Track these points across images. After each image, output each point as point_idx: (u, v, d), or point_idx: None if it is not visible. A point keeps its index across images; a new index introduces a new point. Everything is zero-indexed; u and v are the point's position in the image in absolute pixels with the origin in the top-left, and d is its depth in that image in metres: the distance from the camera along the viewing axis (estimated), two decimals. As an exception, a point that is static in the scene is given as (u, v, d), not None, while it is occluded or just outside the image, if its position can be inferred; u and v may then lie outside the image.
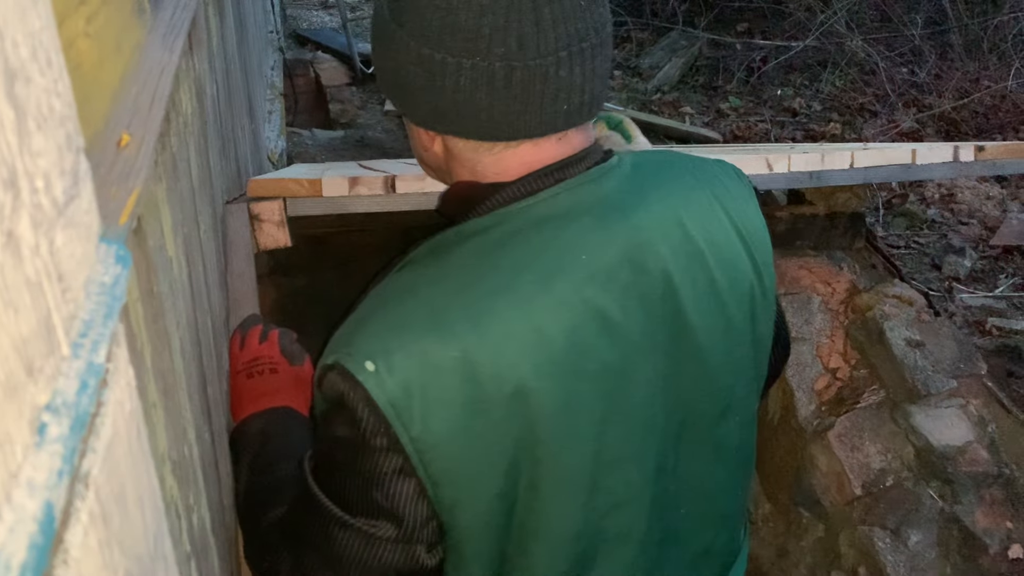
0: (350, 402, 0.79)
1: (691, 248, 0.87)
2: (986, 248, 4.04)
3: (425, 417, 0.77)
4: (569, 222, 0.84)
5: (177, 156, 0.82)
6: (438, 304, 0.80)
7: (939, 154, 1.72)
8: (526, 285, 0.80)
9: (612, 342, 0.83)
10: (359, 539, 0.84)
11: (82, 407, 0.31)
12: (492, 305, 0.79)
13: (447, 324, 0.78)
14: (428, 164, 0.94)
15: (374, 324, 0.81)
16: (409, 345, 0.78)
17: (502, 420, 0.79)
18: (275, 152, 2.80)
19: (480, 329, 0.78)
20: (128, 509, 0.37)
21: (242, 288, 1.35)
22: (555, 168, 0.85)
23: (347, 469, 0.83)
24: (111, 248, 0.39)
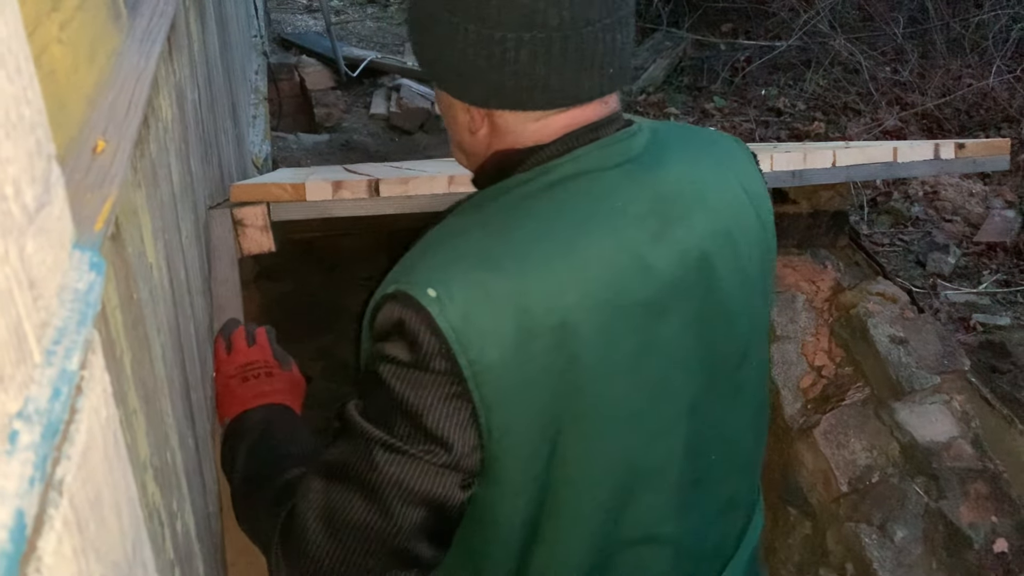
0: (411, 327, 0.83)
1: (708, 203, 0.95)
2: (969, 245, 4.07)
3: (482, 343, 0.82)
4: (603, 174, 0.91)
5: (157, 162, 0.82)
6: (487, 243, 0.87)
7: (920, 152, 1.73)
8: (566, 227, 0.87)
9: (646, 282, 0.89)
10: (403, 461, 0.85)
11: (55, 414, 0.31)
12: (536, 244, 0.86)
13: (497, 259, 0.85)
14: (468, 150, 0.99)
15: (431, 259, 0.87)
16: (466, 275, 0.83)
17: (549, 350, 0.84)
18: (260, 157, 2.79)
19: (528, 265, 0.84)
20: (104, 516, 0.36)
21: (226, 294, 1.34)
22: (589, 129, 0.92)
23: (399, 396, 0.85)
24: (85, 255, 0.39)
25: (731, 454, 1.04)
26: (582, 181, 0.91)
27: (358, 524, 0.87)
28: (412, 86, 4.47)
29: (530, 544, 0.93)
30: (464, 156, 1.01)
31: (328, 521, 0.88)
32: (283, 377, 1.19)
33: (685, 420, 0.95)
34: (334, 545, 0.88)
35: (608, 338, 0.87)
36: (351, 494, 0.87)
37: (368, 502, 0.86)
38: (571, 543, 0.93)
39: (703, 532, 1.04)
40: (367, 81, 4.69)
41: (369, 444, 0.86)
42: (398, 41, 5.71)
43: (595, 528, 0.94)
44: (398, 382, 0.85)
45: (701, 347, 0.95)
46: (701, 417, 0.97)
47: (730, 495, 1.06)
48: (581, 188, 0.90)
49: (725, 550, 1.08)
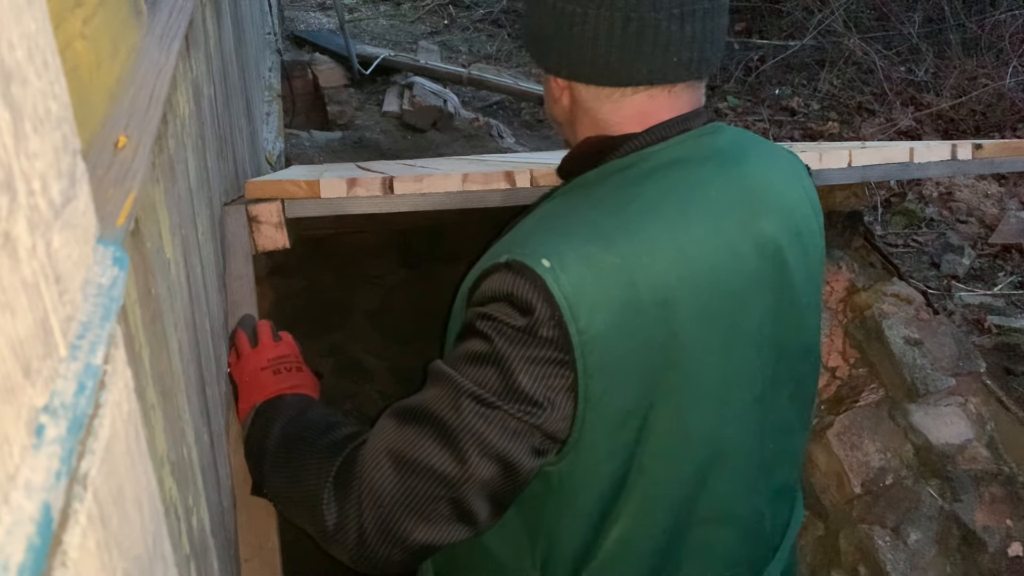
0: (524, 294, 0.86)
1: (783, 202, 1.01)
2: (984, 246, 4.04)
3: (591, 313, 0.86)
4: (697, 165, 0.96)
5: (175, 158, 0.82)
6: (597, 220, 0.91)
7: (937, 152, 1.72)
8: (668, 210, 0.92)
9: (738, 269, 0.94)
10: (489, 415, 0.87)
11: (80, 409, 0.31)
12: (642, 224, 0.90)
13: (608, 235, 0.89)
14: (556, 117, 1.05)
15: (544, 233, 0.91)
16: (579, 249, 0.87)
17: (651, 324, 0.89)
18: (273, 154, 2.80)
19: (635, 242, 0.89)
20: (127, 510, 0.37)
21: (241, 290, 1.34)
22: (679, 120, 0.97)
23: (500, 354, 0.88)
24: (108, 250, 0.39)
25: (785, 443, 1.08)
26: (679, 169, 0.95)
27: (429, 466, 0.88)
28: (425, 84, 4.48)
29: (607, 518, 0.95)
30: (557, 124, 1.07)
31: (398, 459, 0.89)
32: (310, 375, 1.21)
33: (757, 405, 0.99)
34: (399, 483, 0.89)
35: (705, 319, 0.92)
36: (429, 437, 0.89)
37: (445, 447, 0.88)
38: (650, 518, 0.96)
39: (764, 516, 1.07)
40: (380, 79, 4.69)
41: (458, 392, 0.88)
42: (411, 39, 5.71)
43: (674, 505, 0.97)
44: (502, 341, 0.87)
45: (774, 337, 0.99)
46: (767, 404, 1.01)
47: (780, 484, 1.10)
48: (679, 176, 0.95)
49: (775, 538, 1.12)
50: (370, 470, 0.90)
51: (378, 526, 0.90)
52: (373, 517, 0.90)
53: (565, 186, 1.02)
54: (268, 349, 1.18)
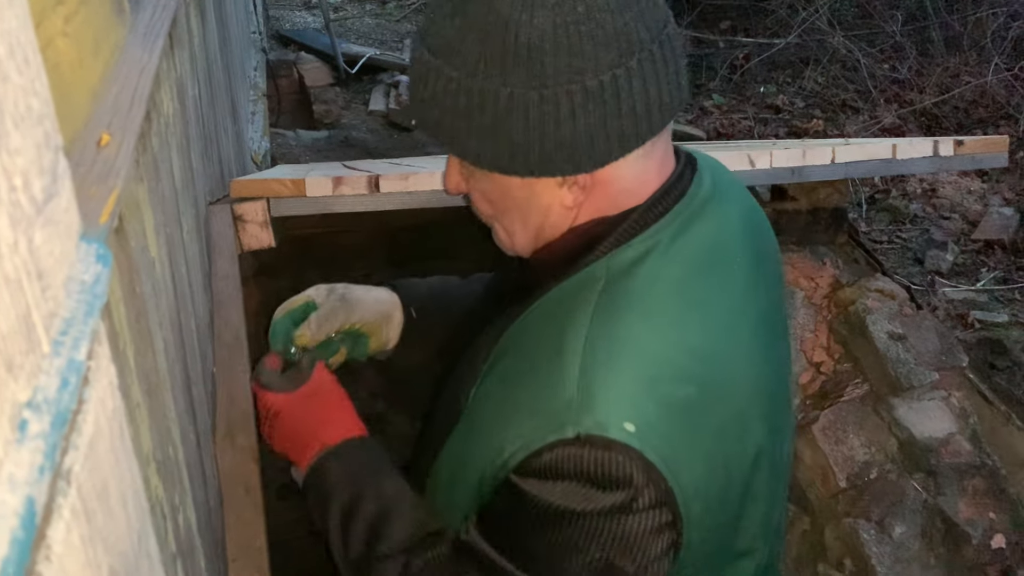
0: (612, 469, 0.76)
1: (767, 232, 0.99)
2: (968, 242, 4.07)
3: (689, 460, 0.78)
4: (704, 225, 0.87)
5: (158, 157, 0.82)
6: (652, 342, 0.80)
7: (919, 149, 1.73)
8: (719, 311, 0.85)
9: (761, 318, 0.90)
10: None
11: (63, 404, 0.31)
12: (704, 334, 0.82)
13: (673, 359, 0.80)
14: (548, 231, 0.87)
15: (607, 385, 0.78)
16: (653, 392, 0.78)
17: (735, 439, 0.84)
18: (259, 153, 2.79)
19: (704, 361, 0.81)
20: (111, 506, 0.37)
21: (227, 290, 1.34)
22: (677, 179, 0.87)
23: (601, 557, 0.79)
24: (91, 247, 0.39)
25: (783, 475, 1.03)
26: (694, 240, 0.85)
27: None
28: (411, 83, 4.47)
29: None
30: (531, 240, 0.89)
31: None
32: (342, 398, 1.14)
33: (770, 444, 0.93)
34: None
35: (760, 385, 0.88)
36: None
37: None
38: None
39: (774, 549, 1.03)
40: (366, 78, 4.69)
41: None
42: (396, 37, 5.70)
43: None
44: (599, 539, 0.78)
45: (779, 370, 0.97)
46: (776, 443, 0.96)
47: (779, 520, 1.05)
48: (700, 249, 0.85)
49: (775, 570, 1.08)
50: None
51: None
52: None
53: (557, 293, 0.85)
54: (297, 402, 1.08)
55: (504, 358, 0.88)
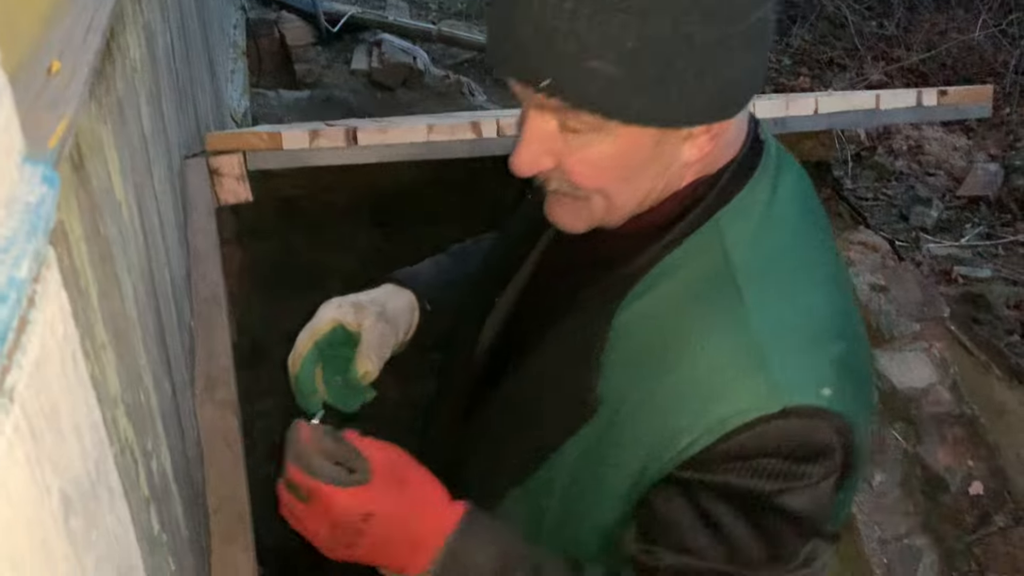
0: (820, 437, 0.76)
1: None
2: (952, 199, 4.08)
3: (861, 415, 0.79)
4: (788, 176, 0.86)
5: (124, 101, 0.80)
6: (813, 311, 0.81)
7: (902, 99, 1.73)
8: (829, 266, 0.86)
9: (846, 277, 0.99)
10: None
11: (2, 319, 0.30)
12: (829, 293, 0.83)
13: (828, 323, 0.81)
14: (657, 192, 0.82)
15: (789, 355, 0.77)
16: (825, 355, 0.78)
17: (871, 386, 0.86)
18: (238, 112, 2.75)
19: (841, 317, 0.83)
20: (62, 431, 0.36)
21: (204, 244, 1.33)
22: (752, 120, 0.88)
23: (804, 520, 0.78)
24: (37, 168, 0.38)
25: None
26: (787, 193, 0.84)
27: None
28: (394, 41, 4.41)
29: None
30: (635, 207, 0.83)
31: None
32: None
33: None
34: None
35: (862, 330, 0.91)
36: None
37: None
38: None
39: None
40: (348, 37, 4.62)
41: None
42: (379, -4, 5.61)
43: None
44: (804, 500, 0.77)
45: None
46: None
47: None
48: (795, 201, 0.85)
49: None
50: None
51: None
52: None
53: (672, 268, 0.81)
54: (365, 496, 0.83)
55: (630, 345, 0.82)
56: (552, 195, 0.84)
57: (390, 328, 1.01)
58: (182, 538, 0.88)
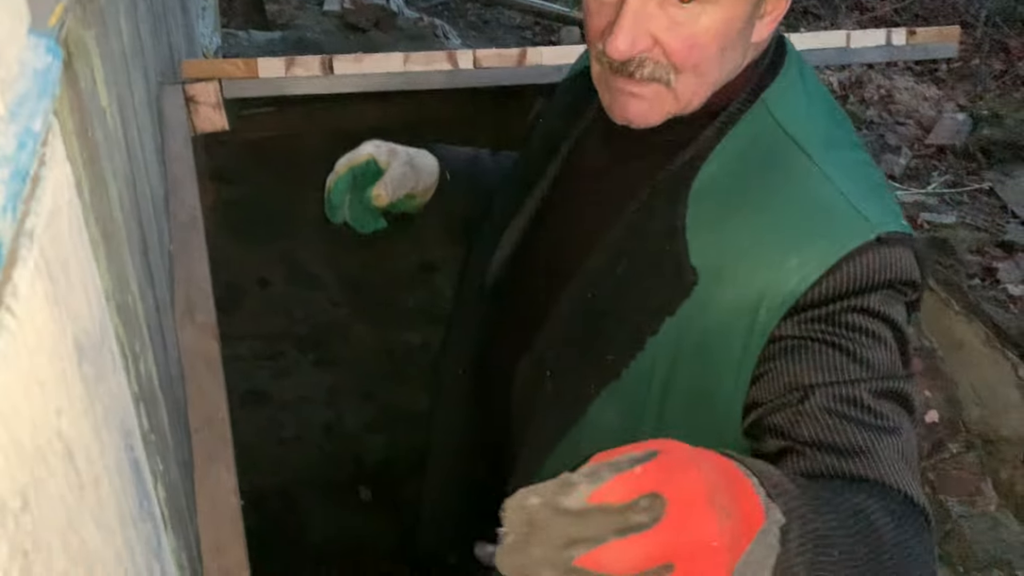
0: (907, 262, 0.81)
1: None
2: (921, 147, 4.13)
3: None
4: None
5: (106, 11, 0.81)
6: (865, 166, 0.89)
7: (872, 38, 1.75)
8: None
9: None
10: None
11: (21, 163, 0.33)
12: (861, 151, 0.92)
13: (875, 174, 0.89)
14: (729, 70, 0.87)
15: (867, 198, 0.83)
16: (891, 200, 0.85)
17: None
18: (210, 50, 2.72)
19: (874, 166, 0.92)
20: (73, 283, 0.38)
21: (181, 171, 1.33)
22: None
23: (906, 333, 0.83)
24: (42, 40, 0.40)
25: None
26: (810, 69, 0.93)
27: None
28: (367, -17, 4.35)
29: None
30: (714, 86, 0.87)
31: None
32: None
33: None
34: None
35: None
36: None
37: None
38: None
39: None
40: (320, -22, 4.54)
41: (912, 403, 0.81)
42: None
43: None
44: (904, 319, 0.83)
45: None
46: None
47: None
48: (815, 76, 0.93)
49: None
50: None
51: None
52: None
53: (734, 145, 0.87)
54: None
55: (710, 214, 0.85)
56: (625, 93, 0.87)
57: (412, 174, 1.12)
58: (167, 445, 0.91)
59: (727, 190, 0.85)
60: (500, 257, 1.07)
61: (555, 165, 1.04)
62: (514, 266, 1.07)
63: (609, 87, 0.88)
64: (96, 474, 0.37)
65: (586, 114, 1.03)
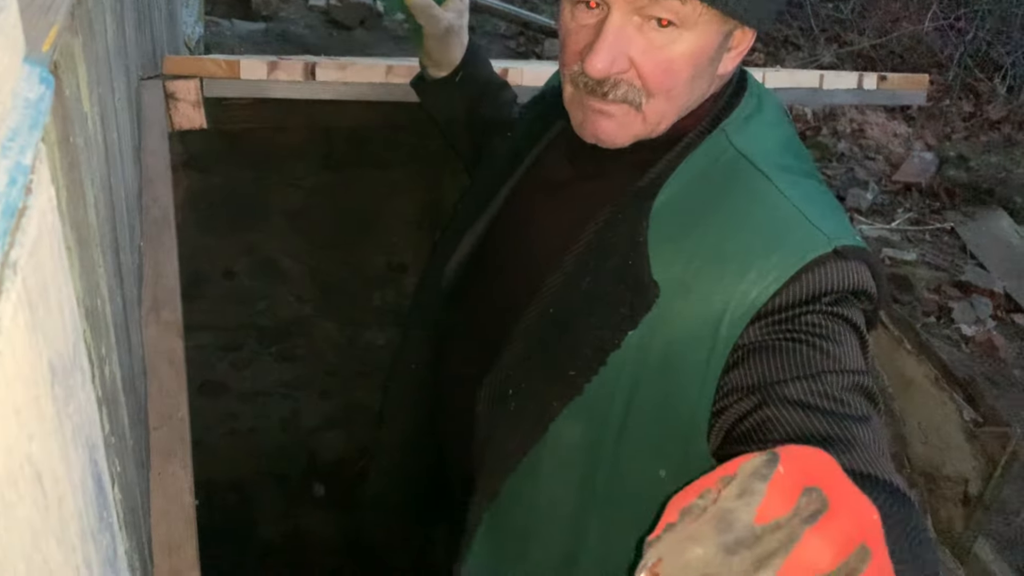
0: (864, 276, 0.84)
1: None
2: (888, 183, 4.22)
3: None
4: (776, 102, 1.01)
5: (93, 14, 0.82)
6: (823, 192, 0.93)
7: (844, 81, 1.80)
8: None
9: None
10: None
11: (11, 198, 0.34)
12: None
13: (838, 205, 0.94)
14: (695, 99, 0.92)
15: (824, 215, 0.87)
16: (846, 220, 0.90)
17: None
18: (192, 38, 2.71)
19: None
20: (51, 307, 0.40)
21: (156, 166, 1.34)
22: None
23: (863, 336, 0.85)
24: (35, 69, 0.41)
25: None
26: (770, 98, 0.99)
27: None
28: (354, -20, 4.34)
29: None
30: (680, 113, 0.92)
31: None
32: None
33: None
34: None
35: None
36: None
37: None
38: None
39: None
40: (308, -29, 4.52)
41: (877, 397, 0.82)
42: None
43: None
44: (863, 324, 0.85)
45: None
46: None
47: None
48: (776, 105, 0.98)
49: None
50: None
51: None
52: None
53: (693, 169, 0.91)
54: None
55: (670, 229, 0.89)
56: (597, 111, 0.90)
57: (439, 23, 1.23)
58: (127, 445, 0.92)
59: (687, 207, 0.89)
60: (456, 262, 1.11)
61: (516, 177, 1.08)
62: (470, 271, 1.11)
63: (582, 106, 0.92)
64: (61, 493, 0.39)
65: (550, 131, 1.08)
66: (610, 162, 0.95)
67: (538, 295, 0.96)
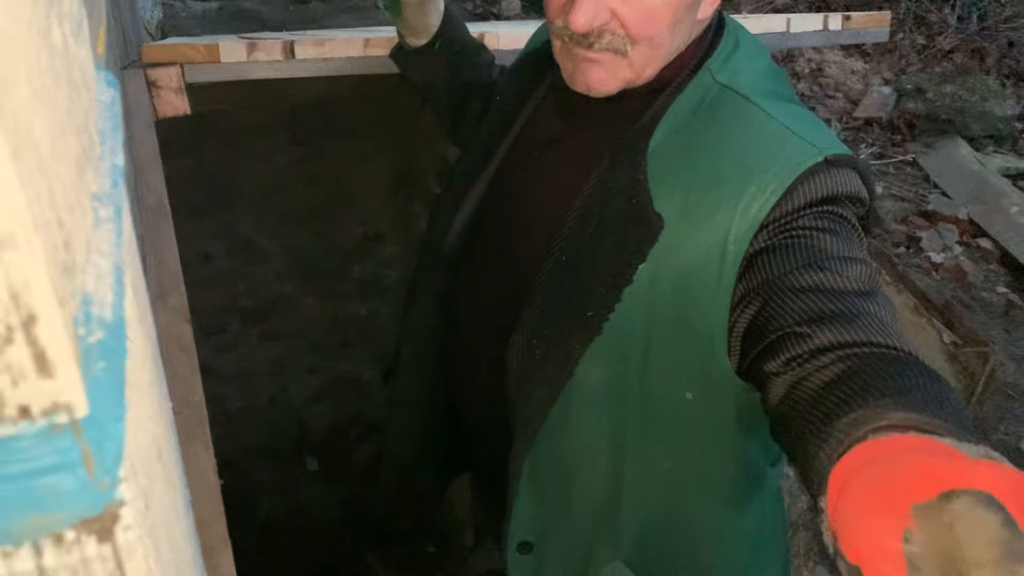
0: (857, 182, 0.87)
1: None
2: (849, 120, 4.29)
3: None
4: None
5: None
6: (807, 113, 0.96)
7: (810, 23, 1.83)
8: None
9: None
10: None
11: (116, 199, 0.37)
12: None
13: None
14: (675, 48, 0.96)
15: (813, 128, 0.91)
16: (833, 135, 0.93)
17: None
18: (151, 23, 2.67)
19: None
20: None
21: (147, 155, 1.34)
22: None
23: (860, 232, 0.88)
24: (102, 73, 0.43)
25: None
26: (745, 33, 1.02)
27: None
28: (305, -49, 4.27)
29: None
30: (664, 61, 0.96)
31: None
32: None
33: None
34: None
35: None
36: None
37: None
38: None
39: None
40: (256, -55, 4.44)
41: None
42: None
43: None
44: (858, 225, 0.89)
45: None
46: None
47: None
48: (751, 38, 1.02)
49: None
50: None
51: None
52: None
53: (683, 107, 0.95)
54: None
55: (668, 162, 0.92)
56: (585, 60, 0.94)
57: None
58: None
59: (681, 143, 0.93)
60: (458, 225, 1.13)
61: (510, 137, 1.11)
62: (473, 233, 1.13)
63: (571, 56, 0.96)
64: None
65: (539, 90, 1.11)
66: (603, 112, 0.99)
67: (550, 248, 0.99)
